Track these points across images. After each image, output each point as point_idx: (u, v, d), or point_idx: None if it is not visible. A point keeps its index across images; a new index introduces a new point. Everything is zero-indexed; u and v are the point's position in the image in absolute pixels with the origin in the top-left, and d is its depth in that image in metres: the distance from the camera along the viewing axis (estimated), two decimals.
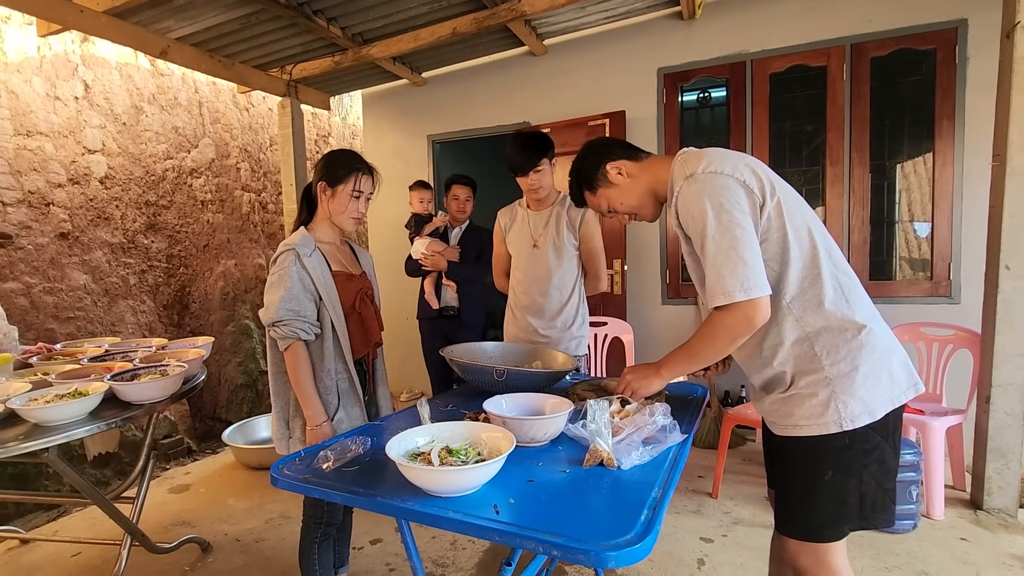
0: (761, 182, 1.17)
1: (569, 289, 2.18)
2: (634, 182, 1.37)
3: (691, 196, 1.17)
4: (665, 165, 1.32)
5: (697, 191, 1.16)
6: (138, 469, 1.96)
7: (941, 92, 3.14)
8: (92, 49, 3.90)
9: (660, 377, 1.31)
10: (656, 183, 1.35)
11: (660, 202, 1.39)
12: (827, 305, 1.16)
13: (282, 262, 1.57)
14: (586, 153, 1.45)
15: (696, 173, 1.18)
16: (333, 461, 1.10)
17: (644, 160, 1.39)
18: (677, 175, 1.24)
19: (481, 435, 1.08)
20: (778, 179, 1.21)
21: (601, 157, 1.40)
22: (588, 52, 3.86)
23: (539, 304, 2.17)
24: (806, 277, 1.18)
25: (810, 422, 1.16)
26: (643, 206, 1.39)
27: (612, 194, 1.40)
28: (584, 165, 1.44)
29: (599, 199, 1.43)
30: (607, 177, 1.39)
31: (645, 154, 1.40)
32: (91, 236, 3.76)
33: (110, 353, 2.15)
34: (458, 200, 3.03)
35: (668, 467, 1.08)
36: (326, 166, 1.69)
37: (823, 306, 1.16)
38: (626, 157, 1.38)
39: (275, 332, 1.55)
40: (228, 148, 4.88)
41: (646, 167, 1.37)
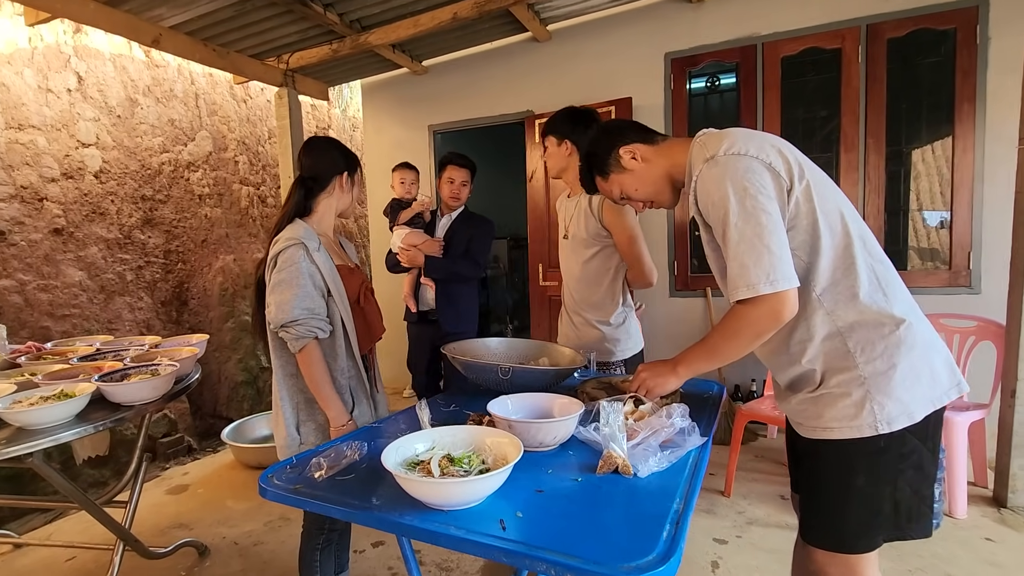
0: (788, 164, 1.08)
1: (602, 285, 1.93)
2: (649, 167, 1.27)
3: (712, 180, 1.08)
4: (683, 148, 1.23)
5: (718, 174, 1.07)
6: (130, 472, 1.89)
7: (961, 74, 3.02)
8: (85, 40, 3.80)
9: (676, 376, 1.22)
10: (673, 167, 1.25)
11: (678, 188, 1.30)
12: (862, 297, 1.07)
13: (290, 257, 1.47)
14: (598, 136, 1.35)
15: (717, 155, 1.08)
16: (326, 469, 1.02)
17: (660, 143, 1.29)
18: (696, 158, 1.14)
19: (485, 441, 1.00)
20: (807, 160, 1.11)
21: (614, 140, 1.30)
22: (593, 37, 3.75)
23: (573, 299, 2.01)
24: (838, 267, 1.08)
25: (842, 424, 1.07)
26: (659, 193, 1.30)
27: (626, 180, 1.31)
28: (596, 149, 1.34)
29: (611, 185, 1.34)
30: (620, 162, 1.29)
31: (661, 137, 1.30)
32: (86, 232, 3.69)
33: (101, 352, 2.08)
34: (452, 184, 2.59)
35: (689, 474, 0.99)
36: (347, 155, 1.62)
37: (857, 299, 1.07)
38: (641, 140, 1.29)
39: (288, 333, 1.44)
40: (226, 141, 4.79)
41: (662, 151, 1.27)
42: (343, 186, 1.62)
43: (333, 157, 1.60)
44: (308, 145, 1.63)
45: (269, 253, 1.54)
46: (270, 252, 1.53)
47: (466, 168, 2.62)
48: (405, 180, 2.73)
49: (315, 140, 1.65)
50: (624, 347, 1.95)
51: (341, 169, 1.61)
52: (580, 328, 1.98)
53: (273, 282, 1.48)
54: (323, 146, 1.62)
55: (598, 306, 1.94)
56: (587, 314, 1.95)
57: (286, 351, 1.52)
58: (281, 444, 1.52)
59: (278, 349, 1.53)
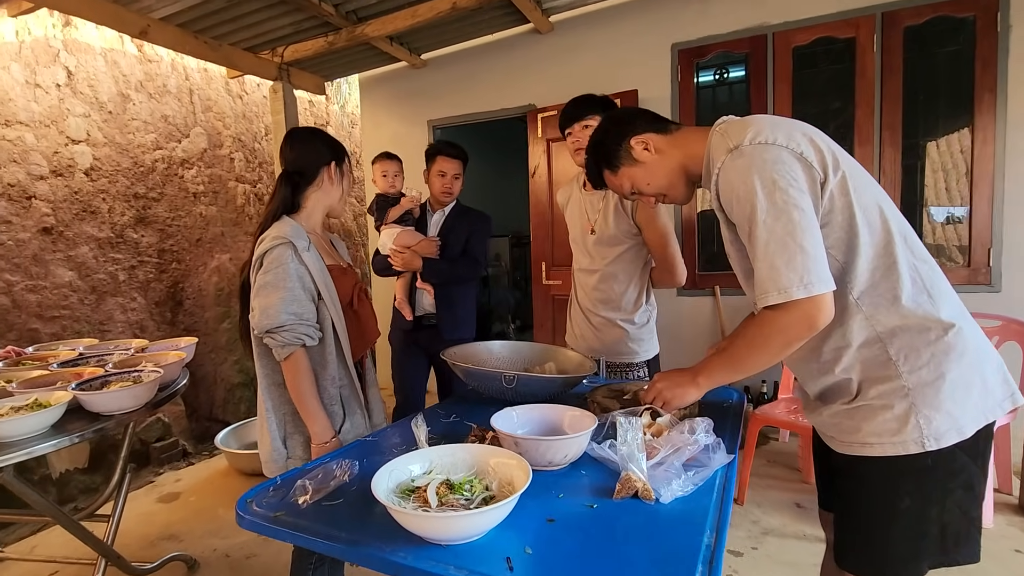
0: (821, 154, 0.97)
1: (627, 284, 1.84)
2: (663, 159, 1.17)
3: (736, 172, 0.97)
4: (700, 138, 1.12)
5: (744, 166, 0.96)
6: (113, 484, 1.79)
7: (981, 63, 2.90)
8: (75, 34, 3.70)
9: (697, 387, 1.12)
10: (689, 159, 1.15)
11: (693, 182, 1.19)
12: (904, 300, 0.96)
13: (277, 258, 1.36)
14: (606, 126, 1.25)
15: (742, 145, 0.97)
16: (311, 493, 0.92)
17: (674, 133, 1.18)
18: (717, 149, 1.04)
19: (489, 462, 0.89)
20: (840, 150, 1.00)
21: (624, 130, 1.19)
22: (597, 28, 3.63)
23: (594, 299, 1.89)
24: (878, 268, 0.97)
25: (883, 440, 0.96)
26: (673, 187, 1.19)
27: (637, 173, 1.20)
28: (604, 139, 1.23)
29: (621, 179, 1.23)
30: (631, 153, 1.18)
31: (675, 126, 1.20)
32: (76, 231, 3.58)
33: (84, 357, 1.97)
34: (444, 177, 2.32)
35: (717, 499, 0.89)
36: (333, 145, 1.52)
37: (899, 302, 0.96)
38: (653, 130, 1.18)
39: (274, 339, 1.33)
40: (221, 137, 4.68)
41: (677, 141, 1.17)
42: (332, 177, 1.51)
43: (317, 148, 1.50)
44: (290, 137, 1.53)
45: (254, 254, 1.43)
46: (255, 252, 1.43)
47: (458, 159, 2.35)
48: (388, 172, 2.42)
49: (297, 131, 1.55)
50: (648, 347, 1.89)
51: (328, 160, 1.50)
52: (601, 328, 1.88)
53: (258, 284, 1.37)
54: (306, 137, 1.52)
55: (623, 305, 1.85)
56: (610, 313, 1.86)
57: (271, 358, 1.41)
58: (266, 458, 1.42)
59: (263, 356, 1.42)
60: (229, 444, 3.17)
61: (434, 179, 2.36)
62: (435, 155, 2.35)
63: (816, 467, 1.26)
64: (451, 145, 2.36)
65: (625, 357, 1.86)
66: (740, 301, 3.36)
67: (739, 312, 3.36)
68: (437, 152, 2.35)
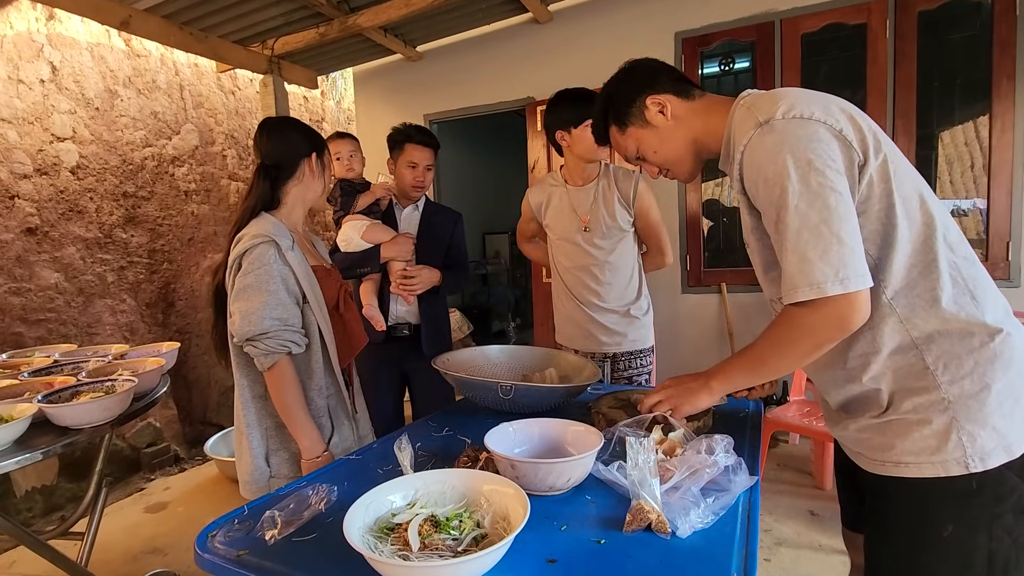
0: (862, 133, 0.85)
1: (628, 273, 1.88)
2: (677, 128, 1.04)
3: (766, 150, 0.85)
4: (721, 111, 1.00)
5: (775, 143, 0.84)
6: (87, 499, 1.69)
7: (999, 47, 2.77)
8: (59, 28, 3.58)
9: (710, 391, 1.01)
10: (706, 133, 1.02)
11: (701, 159, 1.07)
12: (944, 303, 0.85)
13: (259, 258, 1.25)
14: (622, 76, 1.10)
15: (773, 119, 0.85)
16: (281, 527, 0.81)
17: (697, 99, 1.05)
18: (742, 124, 0.91)
19: (482, 490, 0.78)
20: (881, 131, 0.89)
21: (642, 85, 1.05)
22: (597, 17, 3.51)
23: (597, 294, 1.86)
24: (915, 265, 0.86)
25: (920, 459, 0.85)
26: (681, 160, 1.07)
27: (646, 137, 1.07)
28: (618, 91, 1.09)
29: (627, 140, 1.10)
30: (644, 114, 1.05)
31: (699, 92, 1.06)
32: (62, 231, 3.48)
33: (58, 364, 1.87)
34: (415, 169, 2.00)
35: (742, 532, 0.78)
36: (311, 135, 1.42)
37: (939, 303, 0.85)
38: (674, 92, 1.04)
39: (256, 347, 1.22)
40: (213, 134, 4.57)
41: (697, 109, 1.04)
42: (312, 170, 1.41)
43: (295, 139, 1.39)
44: (264, 127, 1.42)
45: (231, 255, 1.32)
46: (232, 253, 1.32)
47: (430, 147, 2.03)
48: (341, 154, 2.01)
49: (271, 121, 1.44)
50: (650, 334, 1.93)
51: (307, 151, 1.40)
52: (603, 322, 1.87)
53: (238, 287, 1.26)
54: (281, 127, 1.41)
55: (626, 296, 1.87)
56: (613, 305, 1.86)
57: (253, 369, 1.30)
58: (246, 479, 1.30)
59: (243, 366, 1.31)
60: (219, 451, 3.07)
61: (403, 171, 2.02)
62: (403, 143, 2.01)
63: (840, 482, 1.16)
64: (421, 131, 2.04)
65: (631, 345, 1.89)
66: (747, 298, 3.24)
67: (746, 310, 3.25)
68: (406, 139, 2.00)
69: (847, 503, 1.15)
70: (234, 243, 1.32)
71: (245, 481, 1.31)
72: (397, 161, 2.05)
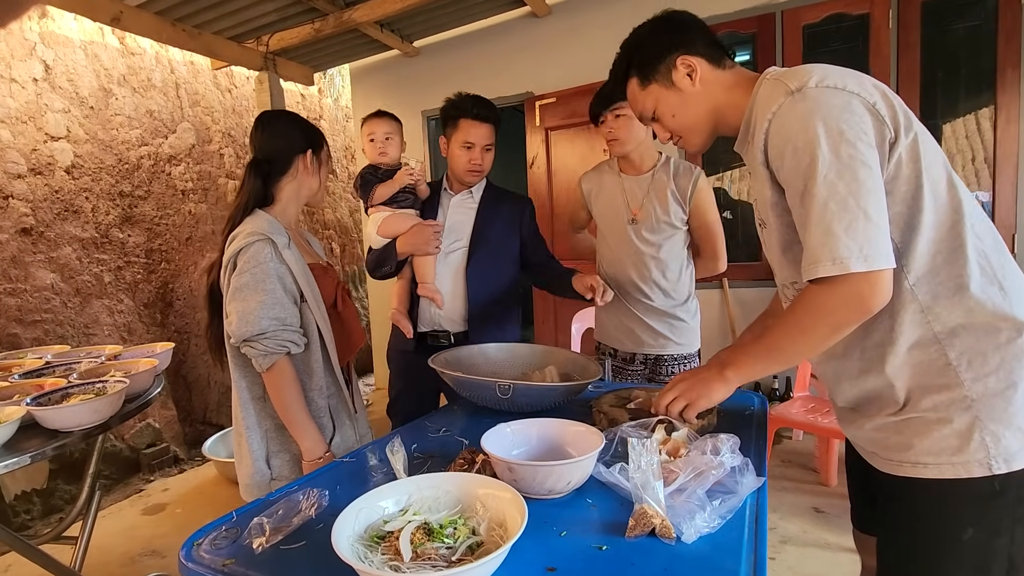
0: (894, 109, 0.82)
1: (676, 273, 1.77)
2: (703, 94, 0.99)
3: (797, 117, 0.81)
4: (745, 86, 0.96)
5: (807, 110, 0.80)
6: (80, 503, 1.66)
7: (1004, 37, 2.73)
8: (52, 26, 3.55)
9: (725, 382, 0.97)
10: (729, 105, 0.98)
11: (715, 132, 1.03)
12: (972, 291, 0.81)
13: (254, 256, 1.23)
14: (657, 27, 1.03)
15: (806, 87, 0.81)
16: (269, 534, 0.78)
17: (727, 70, 1.00)
18: (768, 96, 0.87)
19: (478, 494, 0.75)
20: (911, 112, 0.85)
21: (676, 41, 0.99)
22: (596, 9, 3.47)
23: (642, 291, 1.77)
24: (940, 251, 0.82)
25: (940, 460, 0.82)
26: (695, 129, 1.02)
27: (667, 98, 1.01)
28: (647, 42, 1.03)
29: (646, 96, 1.03)
30: (671, 73, 0.99)
31: (730, 62, 1.01)
32: (58, 231, 3.45)
33: (50, 366, 1.84)
34: (471, 149, 1.70)
35: (750, 536, 0.74)
36: (307, 130, 1.39)
37: (965, 292, 0.81)
38: (707, 56, 0.99)
39: (254, 348, 1.20)
40: (210, 133, 4.54)
41: (725, 80, 0.99)
42: (307, 167, 1.38)
43: (290, 133, 1.36)
44: (260, 122, 1.39)
45: (225, 253, 1.29)
46: (226, 252, 1.28)
47: (489, 122, 1.70)
48: (376, 135, 1.76)
49: (267, 115, 1.41)
50: (697, 338, 1.84)
51: (302, 147, 1.37)
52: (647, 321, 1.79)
53: (234, 287, 1.23)
54: (275, 121, 1.38)
55: (674, 296, 1.78)
56: (659, 304, 1.77)
57: (251, 369, 1.27)
58: (247, 482, 1.28)
59: (241, 367, 1.29)
60: (217, 452, 3.04)
61: (457, 152, 1.72)
62: (457, 118, 1.70)
63: (851, 483, 1.12)
64: (480, 103, 1.70)
65: (682, 348, 1.81)
66: (749, 293, 3.21)
67: (748, 305, 3.21)
68: (460, 113, 1.69)
69: (858, 504, 1.11)
70: (228, 241, 1.29)
71: (246, 484, 1.28)
72: (450, 140, 1.74)
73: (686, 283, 1.79)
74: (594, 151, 3.56)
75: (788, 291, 0.96)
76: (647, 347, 1.81)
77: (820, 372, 0.99)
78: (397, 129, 1.81)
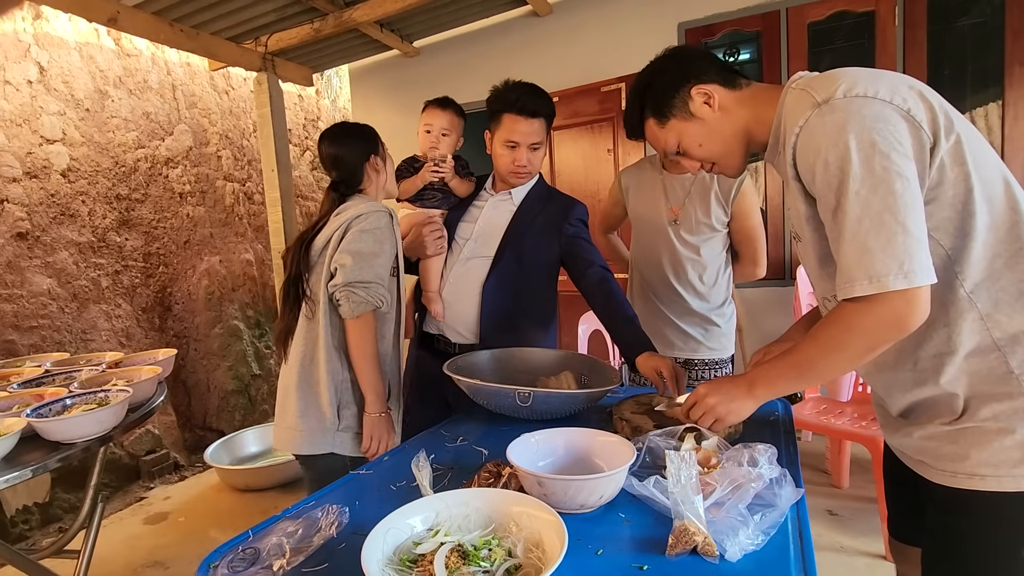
0: (932, 112, 0.78)
1: (714, 276, 1.72)
2: (725, 118, 0.96)
3: (825, 131, 0.78)
4: (770, 98, 0.93)
5: (836, 123, 0.77)
6: (83, 516, 1.61)
7: (1012, 34, 2.71)
8: (46, 27, 3.49)
9: (754, 399, 0.94)
10: (756, 122, 0.95)
11: (750, 152, 1.00)
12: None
13: (376, 221, 1.36)
14: (664, 64, 1.02)
15: (834, 98, 0.78)
16: (289, 555, 0.74)
17: (744, 89, 0.98)
18: (795, 107, 0.84)
19: (511, 512, 0.72)
20: (954, 110, 0.81)
21: (686, 74, 0.97)
22: (598, 8, 3.44)
23: (677, 292, 1.72)
24: (999, 255, 0.78)
25: (1000, 472, 0.78)
26: (728, 154, 0.99)
27: (690, 130, 0.99)
28: (658, 81, 1.01)
29: (668, 133, 1.01)
30: (688, 105, 0.97)
31: (744, 81, 0.99)
32: (54, 235, 3.39)
33: (50, 374, 1.79)
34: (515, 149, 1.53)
35: (796, 554, 0.71)
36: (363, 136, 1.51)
37: None
38: (720, 81, 0.97)
39: (354, 294, 1.30)
40: (207, 135, 4.49)
41: (744, 99, 0.97)
42: (376, 168, 1.51)
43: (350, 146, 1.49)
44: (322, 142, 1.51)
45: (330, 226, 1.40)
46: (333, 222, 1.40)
47: (537, 117, 1.50)
48: (432, 127, 1.63)
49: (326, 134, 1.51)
50: (731, 343, 1.80)
51: (365, 155, 1.49)
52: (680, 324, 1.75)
53: (355, 238, 1.34)
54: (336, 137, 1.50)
55: (710, 299, 1.74)
56: (694, 306, 1.73)
57: (337, 320, 1.36)
58: (313, 427, 1.34)
59: (329, 315, 1.36)
60: (220, 458, 2.99)
61: (500, 151, 1.55)
62: (500, 113, 1.51)
63: (890, 491, 1.08)
64: (527, 93, 1.49)
65: (715, 353, 1.76)
66: (755, 294, 3.18)
67: (753, 306, 3.18)
68: (503, 108, 1.50)
69: (898, 514, 1.08)
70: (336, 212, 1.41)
71: (310, 430, 1.34)
72: (494, 136, 1.56)
73: (723, 287, 1.74)
74: (597, 150, 3.53)
75: (829, 304, 0.93)
76: (676, 350, 1.75)
77: (870, 382, 0.96)
78: (457, 125, 1.67)
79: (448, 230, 1.63)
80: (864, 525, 2.15)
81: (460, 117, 1.68)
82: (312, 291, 1.38)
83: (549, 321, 1.71)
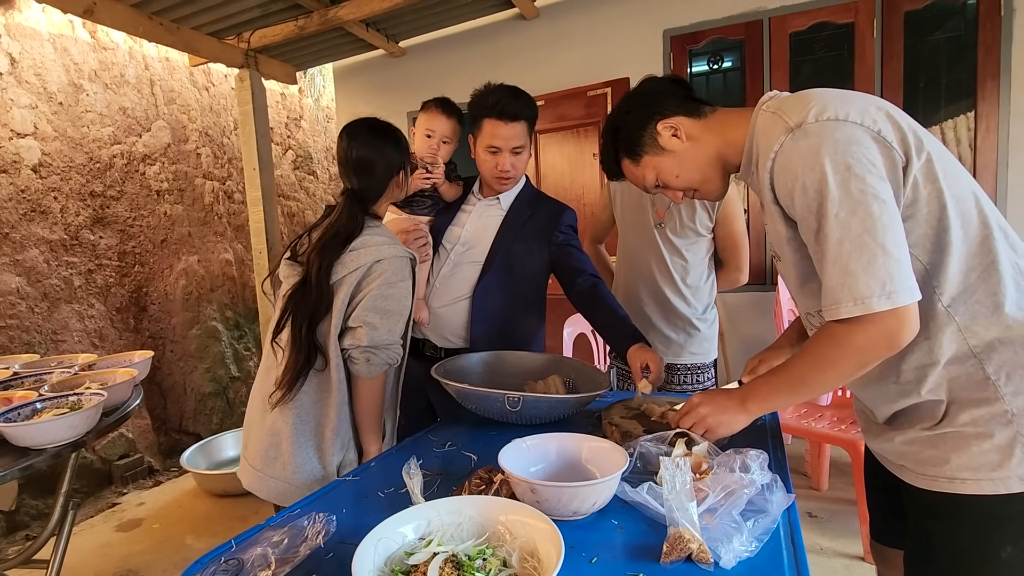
0: (902, 132, 0.80)
1: (698, 279, 1.73)
2: (696, 147, 0.99)
3: (801, 155, 0.80)
4: (740, 121, 0.95)
5: (810, 148, 0.79)
6: (52, 523, 1.55)
7: (984, 49, 2.79)
8: (18, 18, 3.39)
9: (746, 413, 0.95)
10: (726, 146, 0.97)
11: (728, 173, 1.02)
12: (1008, 307, 0.80)
13: (399, 271, 1.25)
14: (628, 106, 1.06)
15: (806, 122, 0.80)
16: (275, 566, 0.72)
17: (709, 116, 1.00)
18: (767, 130, 0.86)
19: (505, 520, 0.70)
20: (922, 129, 0.84)
21: (649, 112, 1.01)
22: (585, 13, 3.45)
23: (661, 295, 1.72)
24: (973, 268, 0.81)
25: (979, 475, 0.80)
26: (707, 180, 1.02)
27: (664, 164, 1.02)
28: (625, 123, 1.05)
29: (644, 170, 1.05)
30: (657, 141, 1.01)
31: (709, 108, 1.02)
32: (24, 232, 3.28)
33: (19, 376, 1.72)
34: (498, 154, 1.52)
35: (791, 561, 0.71)
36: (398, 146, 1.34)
37: (1002, 309, 0.80)
38: (684, 112, 1.00)
39: (377, 356, 1.23)
40: (186, 132, 4.39)
41: (711, 126, 0.99)
42: (399, 184, 1.37)
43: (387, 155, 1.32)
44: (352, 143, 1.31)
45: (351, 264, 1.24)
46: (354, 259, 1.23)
47: (519, 119, 1.48)
48: (434, 132, 1.58)
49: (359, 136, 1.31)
50: (714, 348, 1.80)
51: (396, 168, 1.34)
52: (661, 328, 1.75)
53: (382, 292, 1.22)
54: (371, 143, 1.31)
55: (693, 303, 1.73)
56: (685, 310, 1.73)
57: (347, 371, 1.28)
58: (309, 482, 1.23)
59: (339, 368, 1.26)
60: (197, 463, 2.92)
61: (483, 156, 1.53)
62: (480, 118, 1.50)
63: (872, 495, 1.10)
64: (507, 96, 1.47)
65: (698, 358, 1.76)
66: (736, 299, 3.21)
67: (735, 311, 3.22)
68: (483, 113, 1.49)
69: (880, 517, 1.10)
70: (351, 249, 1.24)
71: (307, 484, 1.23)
72: (476, 141, 1.55)
73: (707, 291, 1.76)
74: (583, 154, 3.54)
75: (813, 319, 0.95)
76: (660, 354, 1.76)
77: (856, 394, 0.97)
78: (458, 134, 1.64)
79: (435, 235, 1.62)
80: (843, 527, 2.19)
81: (462, 124, 1.65)
82: (320, 340, 1.24)
83: (538, 326, 1.73)
